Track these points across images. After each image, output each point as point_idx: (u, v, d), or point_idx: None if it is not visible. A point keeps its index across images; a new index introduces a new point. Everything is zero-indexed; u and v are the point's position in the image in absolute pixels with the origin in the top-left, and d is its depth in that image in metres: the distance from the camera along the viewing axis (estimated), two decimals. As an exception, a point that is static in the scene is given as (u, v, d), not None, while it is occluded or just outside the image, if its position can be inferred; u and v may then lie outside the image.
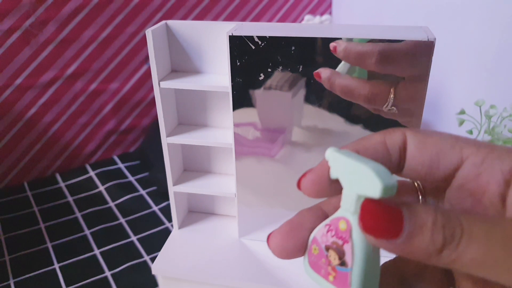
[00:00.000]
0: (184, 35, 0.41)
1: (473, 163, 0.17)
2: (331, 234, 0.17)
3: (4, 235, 0.59)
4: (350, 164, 0.16)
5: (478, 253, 0.14)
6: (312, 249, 0.18)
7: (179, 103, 0.45)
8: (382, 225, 0.15)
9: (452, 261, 0.15)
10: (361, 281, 0.16)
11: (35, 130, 0.71)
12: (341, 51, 0.33)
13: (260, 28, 0.36)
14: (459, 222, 0.15)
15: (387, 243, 0.15)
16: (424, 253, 0.15)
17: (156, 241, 0.56)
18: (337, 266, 0.17)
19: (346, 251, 0.17)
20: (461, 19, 0.57)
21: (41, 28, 0.66)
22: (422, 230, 0.15)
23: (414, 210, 0.15)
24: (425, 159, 0.18)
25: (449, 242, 0.15)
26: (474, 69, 0.57)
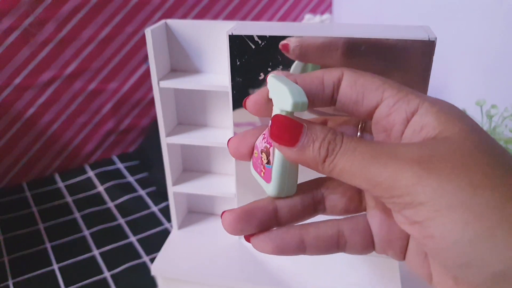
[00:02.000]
0: (184, 35, 0.41)
1: (388, 104, 0.20)
2: (264, 141, 0.22)
3: (3, 235, 0.58)
4: (278, 86, 0.20)
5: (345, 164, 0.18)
6: (254, 153, 0.23)
7: (178, 103, 0.45)
8: (284, 135, 0.19)
9: (330, 170, 0.19)
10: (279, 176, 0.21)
11: (34, 130, 0.71)
12: (295, 48, 0.30)
13: (260, 27, 0.36)
14: (340, 141, 0.19)
15: (286, 150, 0.20)
16: (312, 161, 0.19)
17: (156, 242, 0.56)
18: (266, 164, 0.22)
19: (271, 152, 0.21)
20: (462, 19, 0.57)
21: (40, 27, 0.66)
22: (313, 143, 0.19)
23: (312, 128, 0.19)
24: (353, 95, 0.21)
25: (329, 155, 0.19)
26: (475, 68, 0.56)
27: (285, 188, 0.22)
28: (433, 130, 0.19)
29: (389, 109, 0.20)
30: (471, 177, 0.16)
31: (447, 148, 0.18)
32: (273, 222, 0.23)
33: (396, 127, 0.20)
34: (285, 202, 0.23)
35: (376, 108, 0.21)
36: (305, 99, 0.19)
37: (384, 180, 0.18)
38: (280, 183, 0.21)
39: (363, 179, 0.18)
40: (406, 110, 0.20)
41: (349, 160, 0.18)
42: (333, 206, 0.24)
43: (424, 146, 0.18)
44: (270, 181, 0.22)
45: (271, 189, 0.22)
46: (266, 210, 0.23)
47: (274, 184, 0.21)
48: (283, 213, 0.23)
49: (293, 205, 0.23)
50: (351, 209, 0.24)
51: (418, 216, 0.17)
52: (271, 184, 0.22)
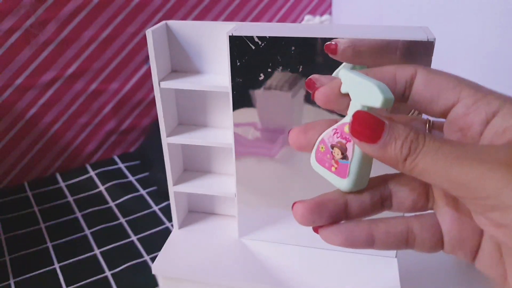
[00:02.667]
0: (184, 35, 0.41)
1: (466, 104, 0.20)
2: (337, 136, 0.22)
3: (4, 235, 0.59)
4: (358, 80, 0.20)
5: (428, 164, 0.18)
6: (319, 148, 0.23)
7: (179, 103, 0.45)
8: (365, 131, 0.19)
9: (411, 169, 0.19)
10: (357, 171, 0.21)
11: (35, 130, 0.71)
12: (347, 49, 0.28)
13: (260, 28, 0.36)
14: (423, 140, 0.19)
15: (367, 146, 0.20)
16: (393, 159, 0.19)
17: (156, 241, 0.56)
18: (339, 159, 0.22)
19: (348, 148, 0.21)
20: (461, 19, 0.57)
21: (41, 28, 0.66)
22: (395, 142, 0.19)
23: (394, 125, 0.19)
24: (428, 94, 0.21)
25: (411, 154, 0.19)
26: (473, 69, 0.57)
27: (360, 183, 0.22)
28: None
29: (467, 109, 0.20)
30: None
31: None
32: (343, 215, 0.23)
33: (474, 127, 0.20)
34: (356, 197, 0.23)
35: (452, 107, 0.20)
36: (392, 96, 0.19)
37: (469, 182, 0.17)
38: (357, 179, 0.22)
39: (446, 179, 0.18)
40: (486, 111, 0.19)
41: (432, 160, 0.18)
42: (400, 203, 0.24)
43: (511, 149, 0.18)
44: (346, 176, 0.22)
45: (346, 184, 0.22)
46: (337, 203, 0.23)
47: (351, 179, 0.22)
48: (353, 207, 0.23)
49: (363, 200, 0.23)
50: (418, 206, 0.24)
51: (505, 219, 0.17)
52: (347, 179, 0.22)
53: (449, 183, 0.18)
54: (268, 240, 0.45)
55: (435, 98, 0.21)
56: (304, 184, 0.41)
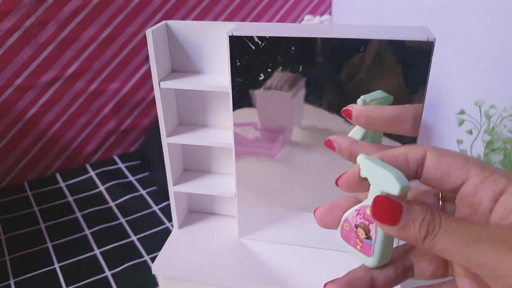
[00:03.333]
0: (184, 35, 0.41)
1: (474, 182, 0.22)
2: (360, 217, 0.24)
3: (5, 235, 0.59)
4: (376, 168, 0.22)
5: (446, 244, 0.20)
6: (344, 226, 0.25)
7: (179, 103, 0.45)
8: (385, 215, 0.21)
9: (431, 248, 0.21)
10: (381, 250, 0.23)
11: (35, 130, 0.71)
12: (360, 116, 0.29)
13: (260, 28, 0.36)
14: (439, 221, 0.20)
15: (388, 228, 0.21)
16: (413, 239, 0.21)
17: (156, 241, 0.56)
18: (364, 239, 0.24)
19: (371, 229, 0.23)
20: (461, 19, 0.57)
21: (41, 28, 0.66)
22: (414, 223, 0.21)
23: (411, 208, 0.21)
24: (438, 173, 0.23)
25: (430, 234, 0.20)
26: (474, 69, 0.57)
27: (384, 259, 0.24)
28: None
29: (476, 187, 0.22)
30: None
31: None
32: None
33: (483, 205, 0.22)
34: (381, 271, 0.25)
35: (462, 185, 0.22)
36: (408, 183, 0.21)
37: (488, 262, 0.19)
38: (381, 256, 0.24)
39: (465, 258, 0.20)
40: (494, 190, 0.21)
41: (449, 241, 0.20)
42: (421, 272, 0.26)
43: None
44: (371, 254, 0.24)
45: (372, 261, 0.24)
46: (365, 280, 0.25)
47: (376, 257, 0.24)
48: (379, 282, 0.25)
49: (387, 274, 0.25)
50: (437, 274, 0.26)
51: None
52: (372, 257, 0.24)
53: (468, 262, 0.20)
54: (268, 240, 0.45)
55: (445, 177, 0.23)
56: (304, 184, 0.41)
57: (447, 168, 0.23)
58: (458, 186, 0.23)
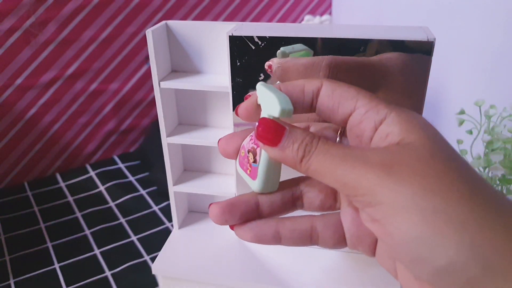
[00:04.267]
0: (184, 35, 0.41)
1: (359, 113, 0.22)
2: (252, 142, 0.24)
3: (4, 235, 0.59)
4: (266, 93, 0.22)
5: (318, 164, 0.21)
6: (241, 152, 0.25)
7: (179, 103, 0.45)
8: (268, 135, 0.22)
9: (306, 169, 0.21)
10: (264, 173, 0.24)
11: (36, 130, 0.71)
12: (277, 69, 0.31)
13: (260, 28, 0.36)
14: (316, 143, 0.21)
15: (269, 149, 0.22)
16: (291, 160, 0.22)
17: (156, 241, 0.56)
18: (252, 163, 0.24)
19: (257, 153, 0.23)
20: (461, 19, 0.57)
21: (41, 28, 0.66)
22: (293, 145, 0.21)
23: (293, 131, 0.22)
24: (330, 104, 0.23)
25: (306, 156, 0.21)
26: (474, 69, 0.57)
27: (268, 184, 0.24)
28: (397, 137, 0.21)
29: (361, 117, 0.22)
30: (424, 182, 0.18)
31: (407, 154, 0.20)
32: (254, 214, 0.26)
33: (366, 134, 0.22)
34: (267, 198, 0.25)
35: (350, 116, 0.23)
36: (291, 107, 0.22)
37: (350, 181, 0.20)
38: (265, 180, 0.24)
39: (333, 178, 0.20)
40: (375, 119, 0.22)
41: (321, 161, 0.21)
42: (310, 202, 0.26)
43: (387, 152, 0.20)
44: (255, 178, 0.24)
45: (256, 185, 0.24)
46: (249, 204, 0.25)
47: (259, 181, 0.24)
48: (264, 207, 0.26)
49: (273, 200, 0.26)
50: (326, 206, 0.26)
51: (377, 215, 0.19)
52: (256, 181, 0.24)
53: (336, 182, 0.20)
54: (268, 240, 0.45)
55: (335, 108, 0.23)
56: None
57: (339, 99, 0.23)
58: (347, 116, 0.23)
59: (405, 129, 0.21)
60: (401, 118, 0.21)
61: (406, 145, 0.20)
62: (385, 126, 0.21)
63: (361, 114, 0.22)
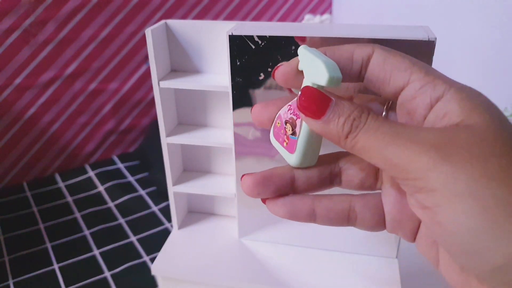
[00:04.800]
0: (184, 35, 0.41)
1: (414, 87, 0.20)
2: (290, 112, 0.22)
3: (3, 235, 0.58)
4: (311, 58, 0.20)
5: (366, 142, 0.19)
6: (276, 123, 0.23)
7: (178, 103, 0.45)
8: (311, 106, 0.20)
9: (352, 146, 0.19)
10: (303, 147, 0.22)
11: (35, 130, 0.71)
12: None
13: (260, 27, 0.36)
14: (365, 119, 0.19)
15: (312, 122, 0.20)
16: (335, 136, 0.20)
17: (156, 242, 0.56)
18: (290, 135, 0.22)
19: (297, 124, 0.21)
20: (461, 19, 0.57)
21: (40, 27, 0.66)
22: (338, 118, 0.19)
23: (340, 103, 0.20)
24: (381, 74, 0.21)
25: (353, 132, 0.19)
26: (474, 68, 0.57)
27: (307, 159, 0.22)
28: (456, 117, 0.19)
29: (415, 92, 0.20)
30: (486, 168, 0.16)
31: (467, 137, 0.17)
32: (289, 189, 0.24)
33: (419, 111, 0.20)
34: (303, 172, 0.23)
35: (402, 89, 0.20)
36: (340, 75, 0.19)
37: (401, 162, 0.18)
38: (303, 155, 0.22)
39: (381, 158, 0.18)
40: (431, 95, 0.20)
41: (370, 138, 0.19)
42: (349, 180, 0.24)
43: (445, 132, 0.18)
44: (293, 151, 0.22)
45: (294, 159, 0.22)
46: (284, 178, 0.23)
47: (298, 155, 0.22)
48: (300, 183, 0.24)
49: (310, 176, 0.24)
50: (366, 185, 0.24)
51: (429, 202, 0.18)
52: (294, 154, 0.22)
53: (385, 162, 0.18)
54: (268, 240, 0.45)
55: (387, 79, 0.21)
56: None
57: (391, 69, 0.21)
58: (398, 90, 0.21)
59: (466, 109, 0.19)
60: (462, 96, 0.19)
61: (467, 127, 0.18)
62: (443, 104, 0.19)
63: (416, 89, 0.20)
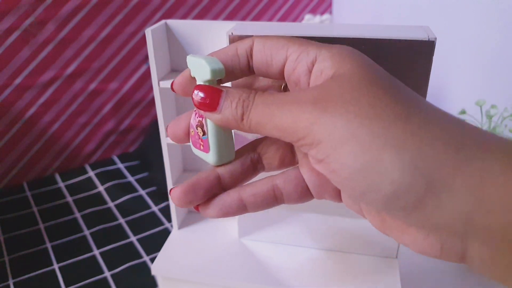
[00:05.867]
0: (184, 35, 0.41)
1: (292, 59, 0.22)
2: (197, 116, 0.23)
3: (4, 235, 0.58)
4: (196, 61, 0.22)
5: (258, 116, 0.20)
6: (190, 132, 0.24)
7: (178, 103, 0.45)
8: (205, 101, 0.21)
9: (249, 126, 0.20)
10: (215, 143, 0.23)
11: (35, 130, 0.71)
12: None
13: (260, 27, 0.36)
14: (253, 98, 0.20)
15: (210, 115, 0.21)
16: (233, 121, 0.21)
17: (156, 242, 0.56)
18: (202, 137, 0.23)
19: (204, 124, 0.23)
20: (461, 19, 0.57)
21: (40, 27, 0.66)
22: (231, 105, 0.21)
23: (229, 92, 0.21)
24: (263, 58, 0.22)
25: (245, 112, 0.20)
26: (475, 68, 0.57)
27: (223, 154, 0.23)
28: (329, 71, 0.20)
29: (294, 63, 0.22)
30: (358, 109, 0.18)
31: (339, 85, 0.19)
32: (218, 189, 0.24)
33: (302, 79, 0.22)
34: (226, 168, 0.24)
35: (284, 65, 0.22)
36: (221, 65, 0.21)
37: (289, 125, 0.19)
38: (218, 150, 0.23)
39: (274, 127, 0.20)
40: (307, 61, 0.21)
41: (260, 112, 0.20)
42: (270, 163, 0.25)
43: (320, 87, 0.20)
44: (208, 150, 0.23)
45: (211, 157, 0.23)
46: (209, 179, 0.24)
47: (213, 152, 0.23)
48: (226, 179, 0.24)
49: (233, 170, 0.24)
50: (286, 162, 0.25)
51: (320, 154, 0.19)
52: (210, 153, 0.23)
53: (277, 130, 0.20)
54: (268, 240, 0.45)
55: (269, 61, 0.22)
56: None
57: (270, 51, 0.22)
58: (281, 67, 0.22)
59: (337, 62, 0.20)
60: (332, 53, 0.21)
61: (338, 76, 0.20)
62: (318, 65, 0.21)
63: (294, 61, 0.22)
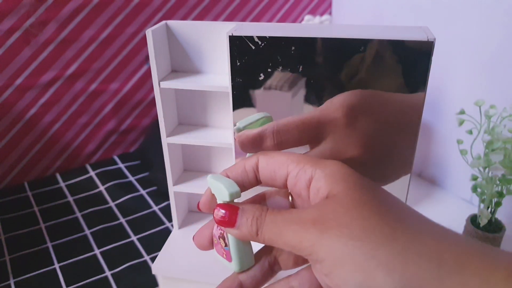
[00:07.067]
0: (184, 35, 0.41)
1: (292, 176, 0.25)
2: (219, 228, 0.26)
3: (5, 235, 0.59)
4: (216, 184, 0.25)
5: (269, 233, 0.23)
6: (214, 241, 0.27)
7: (179, 103, 0.45)
8: (224, 219, 0.24)
9: (264, 240, 0.23)
10: (236, 254, 0.25)
11: (36, 130, 0.71)
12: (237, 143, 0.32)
13: (260, 28, 0.36)
14: (265, 215, 0.23)
15: (231, 230, 0.24)
16: (250, 236, 0.23)
17: (156, 241, 0.56)
18: (224, 247, 0.26)
19: (226, 237, 0.25)
20: (461, 19, 0.57)
21: (41, 28, 0.66)
22: (246, 222, 0.23)
23: (245, 209, 0.24)
24: (268, 174, 0.26)
25: (260, 228, 0.23)
26: (474, 69, 0.57)
27: (244, 262, 0.26)
28: (324, 190, 0.23)
29: (294, 179, 0.25)
30: (351, 232, 0.20)
31: (333, 208, 0.22)
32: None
33: (303, 193, 0.24)
34: (247, 275, 0.27)
35: (286, 180, 0.25)
36: (237, 188, 0.24)
37: (296, 244, 0.22)
38: (239, 260, 0.26)
39: (284, 243, 0.22)
40: (305, 179, 0.24)
41: (271, 230, 0.23)
42: (286, 264, 0.28)
43: (318, 207, 0.22)
44: (231, 260, 0.26)
45: (234, 266, 0.26)
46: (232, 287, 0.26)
47: (235, 262, 0.26)
48: (247, 284, 0.27)
49: (253, 275, 0.27)
50: (300, 262, 0.28)
51: (324, 270, 0.21)
52: (233, 262, 0.26)
53: (287, 246, 0.22)
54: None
55: (273, 176, 0.26)
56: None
57: (273, 167, 0.26)
58: (284, 181, 0.25)
59: (330, 182, 0.23)
60: (325, 173, 0.23)
61: (332, 197, 0.22)
62: (314, 183, 0.24)
63: (294, 177, 0.25)
